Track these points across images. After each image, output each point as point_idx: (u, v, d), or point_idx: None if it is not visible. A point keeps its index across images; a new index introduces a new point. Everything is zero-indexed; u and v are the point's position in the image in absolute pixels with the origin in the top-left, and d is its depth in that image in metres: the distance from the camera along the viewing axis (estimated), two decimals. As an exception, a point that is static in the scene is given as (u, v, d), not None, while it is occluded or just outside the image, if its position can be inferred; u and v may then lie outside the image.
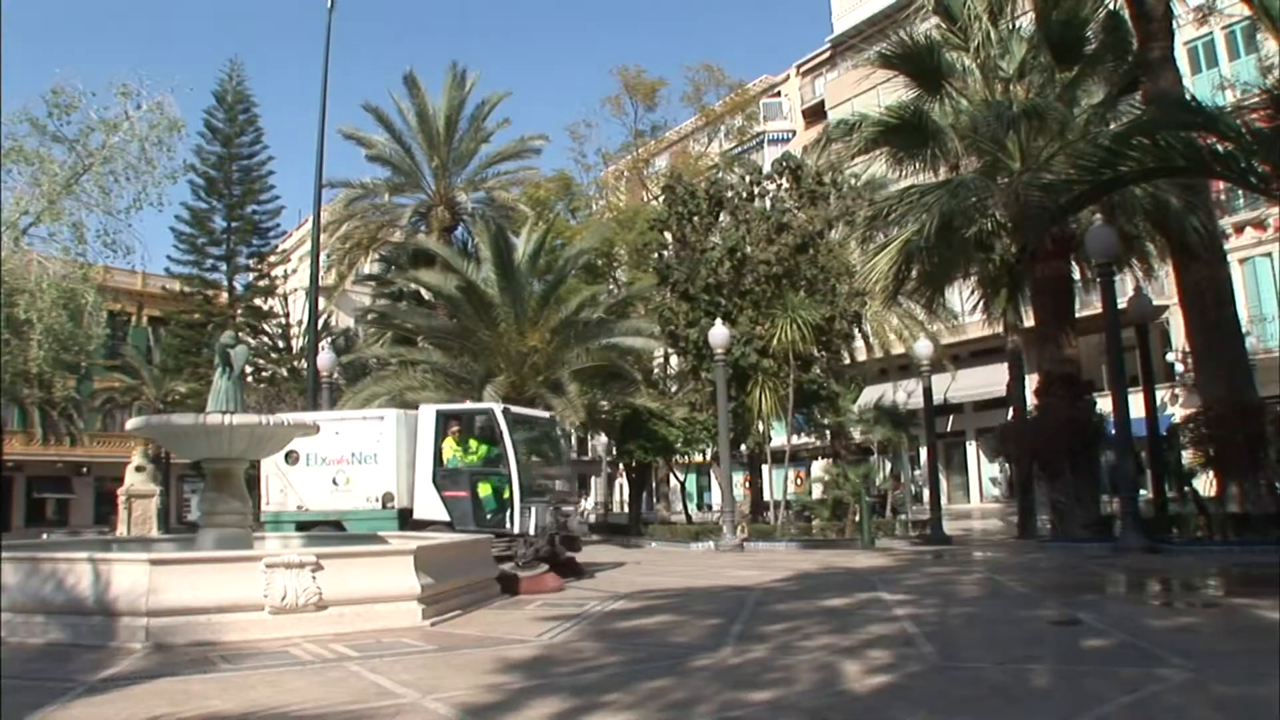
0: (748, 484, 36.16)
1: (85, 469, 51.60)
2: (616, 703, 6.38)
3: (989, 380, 35.95)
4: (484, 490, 16.06)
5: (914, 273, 21.09)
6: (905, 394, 33.64)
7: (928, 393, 24.22)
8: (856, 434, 31.19)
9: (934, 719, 5.97)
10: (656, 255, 32.68)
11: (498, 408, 16.70)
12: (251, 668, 7.95)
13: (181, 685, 7.30)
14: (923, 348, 24.38)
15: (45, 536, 31.59)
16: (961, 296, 27.85)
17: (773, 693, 6.63)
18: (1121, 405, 17.47)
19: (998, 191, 19.52)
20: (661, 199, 33.41)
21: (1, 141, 24.06)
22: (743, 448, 30.67)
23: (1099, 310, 19.85)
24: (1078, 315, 21.65)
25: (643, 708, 6.25)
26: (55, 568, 9.62)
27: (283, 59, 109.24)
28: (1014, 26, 20.92)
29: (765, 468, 34.14)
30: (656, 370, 36.83)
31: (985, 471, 44.15)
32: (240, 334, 34.50)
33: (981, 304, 24.65)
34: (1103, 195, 16.40)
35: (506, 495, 15.83)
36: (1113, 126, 18.84)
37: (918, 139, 20.61)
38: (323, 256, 32.18)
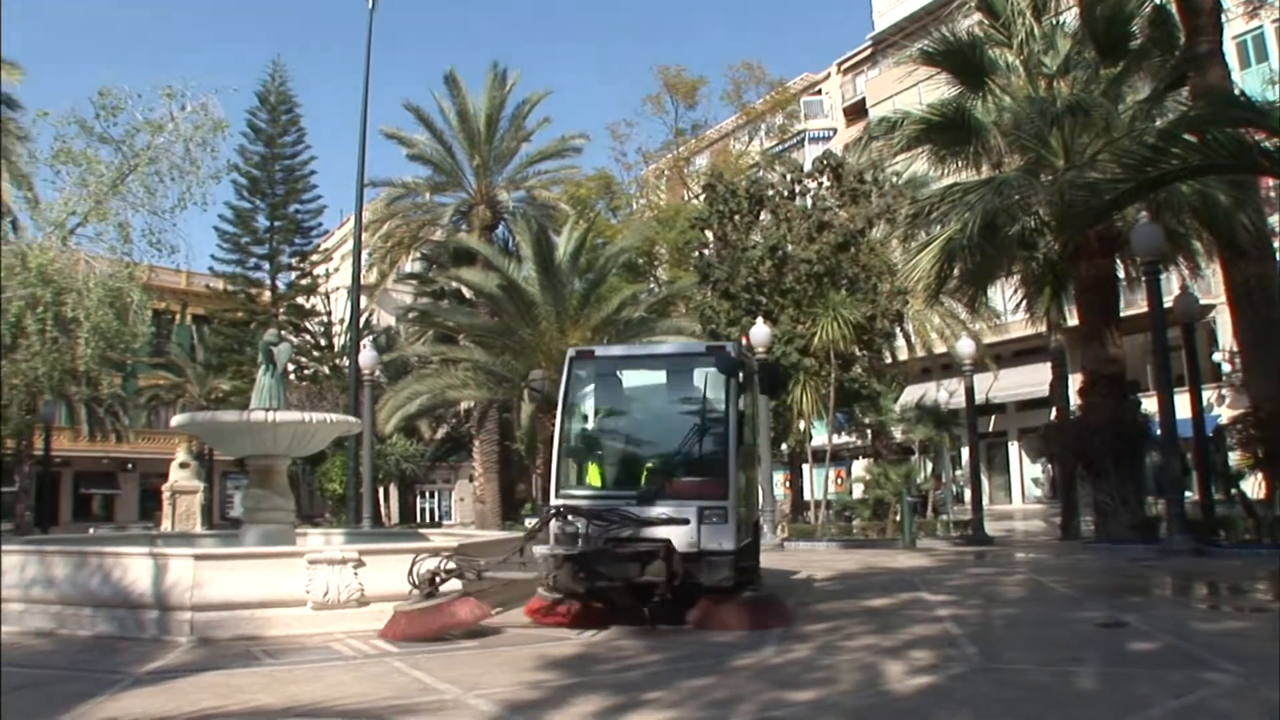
0: (788, 483, 36.04)
1: (130, 465, 52.19)
2: (659, 701, 6.38)
3: (1031, 380, 35.67)
4: None
5: (956, 271, 20.88)
6: (947, 393, 33.41)
7: (970, 392, 24.02)
8: (898, 433, 31.00)
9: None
10: (697, 254, 32.66)
11: None
12: (294, 663, 8.02)
13: (226, 679, 7.39)
14: (965, 347, 24.18)
15: (91, 531, 32.08)
16: (1004, 295, 27.65)
17: (815, 693, 6.61)
18: (1167, 405, 17.24)
19: (1041, 189, 19.30)
20: (702, 197, 33.39)
21: (12, 142, 24.36)
22: (783, 447, 30.57)
23: (1144, 309, 19.60)
24: (1122, 314, 21.37)
25: (684, 706, 6.25)
26: (102, 562, 9.76)
27: (324, 59, 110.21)
28: (1058, 22, 20.67)
29: (806, 467, 34.04)
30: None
31: (1027, 472, 43.78)
32: (283, 332, 34.88)
33: (1024, 303, 24.41)
34: (1149, 193, 16.17)
35: None
36: (1159, 123, 18.59)
37: (960, 136, 20.42)
38: (364, 255, 32.37)
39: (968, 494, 27.00)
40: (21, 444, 36.58)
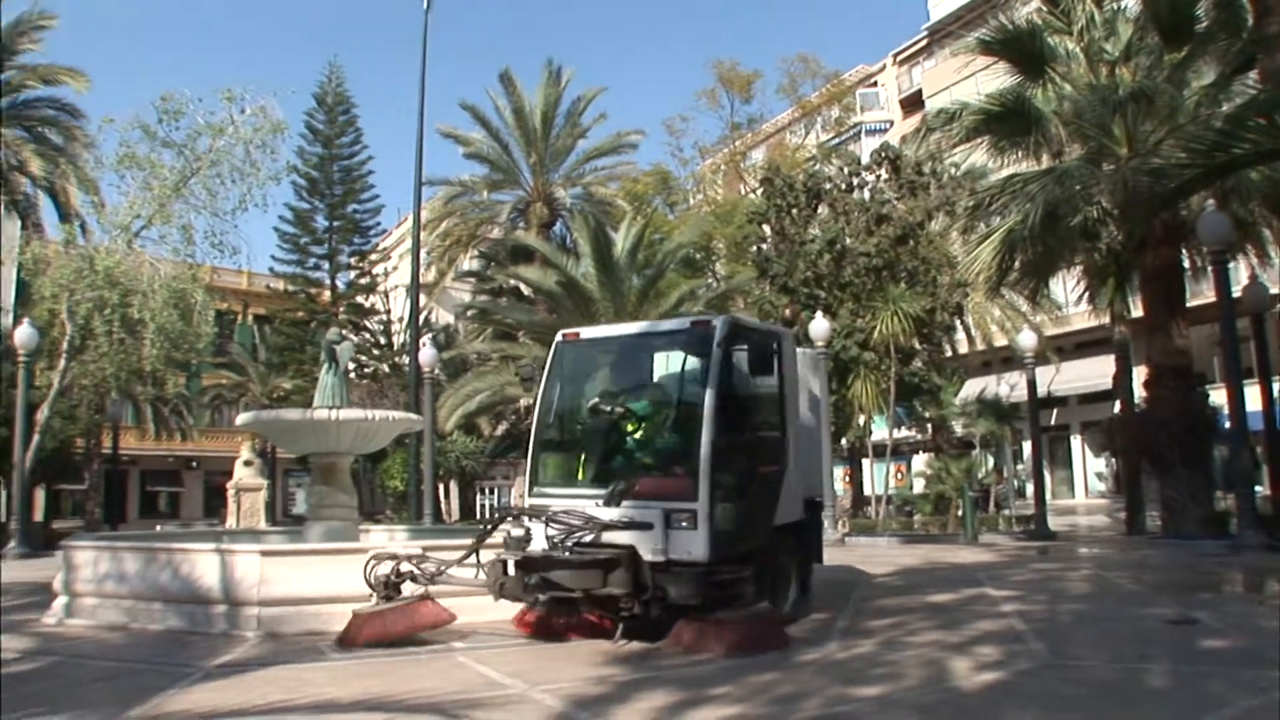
0: (848, 478, 35.85)
1: (194, 463, 53.00)
2: (725, 696, 6.38)
3: (1094, 372, 35.09)
4: None
5: (1017, 263, 20.64)
6: (1008, 387, 32.99)
7: (1032, 385, 23.71)
8: (958, 428, 30.73)
9: (1046, 717, 5.86)
10: (755, 248, 32.55)
11: None
12: (360, 657, 8.11)
13: (294, 673, 7.49)
14: (1026, 339, 23.89)
15: (158, 528, 32.63)
16: (1065, 287, 27.24)
17: (880, 688, 6.59)
18: (1237, 398, 16.89)
19: (1104, 178, 19.01)
20: (759, 192, 33.26)
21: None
22: (843, 441, 30.42)
23: (1211, 299, 19.26)
24: (1189, 305, 20.99)
25: (750, 701, 6.25)
26: (172, 558, 9.93)
27: (380, 60, 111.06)
28: (1119, 7, 20.31)
29: (866, 462, 33.84)
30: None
31: (1090, 466, 43.10)
32: (343, 331, 35.18)
33: (1087, 294, 24.05)
34: (1216, 179, 15.87)
35: None
36: (1225, 108, 18.19)
37: (1020, 126, 20.14)
38: (423, 254, 32.63)
39: (1029, 488, 26.70)
40: (90, 443, 37.28)
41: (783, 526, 9.56)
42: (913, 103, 51.34)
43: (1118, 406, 23.96)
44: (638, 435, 9.21)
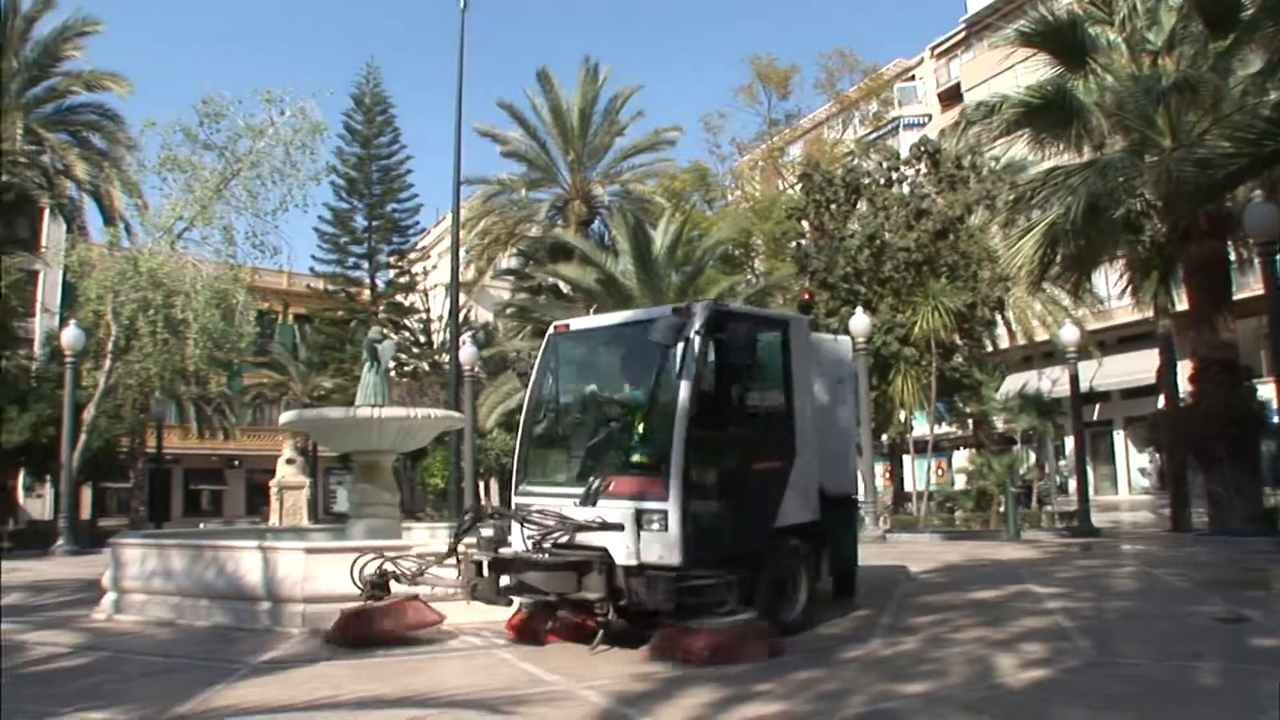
0: (889, 474, 35.67)
1: (237, 462, 53.56)
2: (769, 693, 6.37)
3: (1137, 367, 34.69)
4: None
5: (1059, 257, 20.47)
6: (1049, 382, 32.70)
7: (1074, 380, 23.50)
8: (999, 423, 30.49)
9: (1095, 715, 5.79)
10: (794, 244, 32.45)
11: None
12: (405, 654, 8.16)
13: (339, 669, 7.56)
14: (1068, 334, 23.67)
15: (201, 526, 32.97)
16: (1108, 280, 26.97)
17: (926, 685, 6.55)
18: (1286, 391, 16.68)
19: (1147, 170, 18.80)
20: (798, 187, 33.15)
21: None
22: (883, 437, 30.27)
23: (1258, 291, 18.99)
24: (1235, 297, 20.71)
25: (794, 698, 6.24)
26: (217, 555, 10.03)
27: (417, 60, 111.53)
28: (1161, -5, 20.11)
29: (906, 458, 33.67)
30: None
31: (1134, 462, 42.65)
32: (384, 330, 35.38)
33: (1130, 287, 23.81)
34: (1263, 170, 15.67)
35: None
36: (1273, 96, 17.94)
37: (1061, 119, 19.95)
38: (462, 252, 32.77)
39: (1071, 484, 26.46)
40: (135, 442, 37.74)
41: (790, 528, 8.94)
42: (951, 96, 50.97)
43: (1162, 401, 23.72)
44: (616, 430, 8.76)
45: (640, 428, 8.53)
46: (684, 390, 7.96)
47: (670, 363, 8.29)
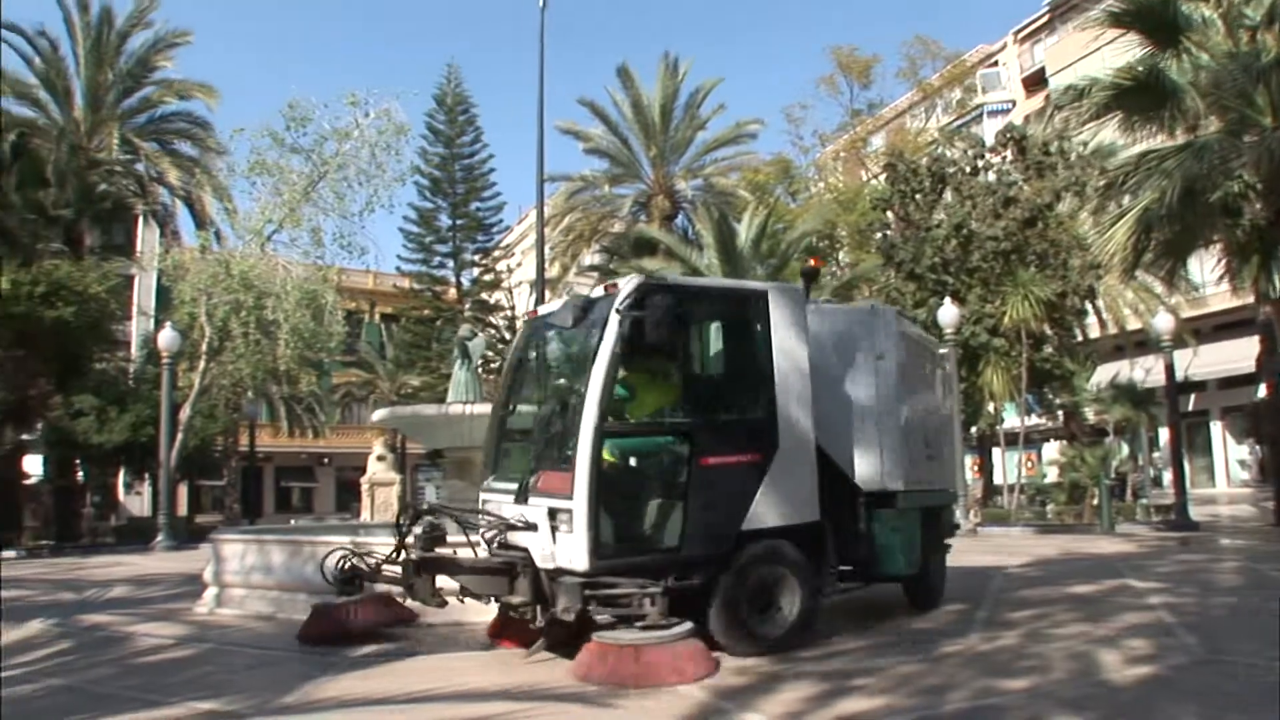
0: (978, 468, 35.20)
1: (326, 459, 54.48)
2: (868, 688, 6.30)
3: (1235, 355, 33.79)
4: None
5: (1153, 243, 20.00)
6: (1143, 371, 32.03)
7: (1169, 369, 23.00)
8: (1090, 414, 29.93)
9: (1209, 716, 5.62)
10: (880, 235, 32.17)
11: None
12: (502, 649, 8.18)
13: (437, 663, 7.65)
14: (1162, 322, 23.20)
15: (292, 522, 33.57)
16: (1203, 266, 26.30)
17: (1028, 681, 6.44)
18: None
19: (1246, 150, 18.22)
20: (882, 177, 32.86)
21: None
22: (972, 430, 29.87)
23: (1366, 276, 18.39)
24: (1341, 282, 20.09)
25: (896, 692, 6.16)
26: (315, 550, 10.17)
27: (497, 59, 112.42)
28: (1261, -32, 19.50)
29: (996, 451, 33.22)
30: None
31: (1232, 453, 41.56)
32: (474, 327, 35.74)
33: (1227, 274, 23.18)
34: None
35: None
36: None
37: (1153, 100, 19.47)
38: (546, 249, 33.00)
39: (1166, 477, 25.92)
40: (229, 441, 38.56)
41: (772, 530, 7.74)
42: (1035, 81, 50.04)
43: (1263, 390, 23.11)
44: (554, 423, 7.95)
45: (556, 420, 7.88)
46: (595, 377, 7.10)
47: (591, 349, 7.35)
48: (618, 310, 7.19)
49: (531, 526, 7.26)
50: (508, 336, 46.25)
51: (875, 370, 9.18)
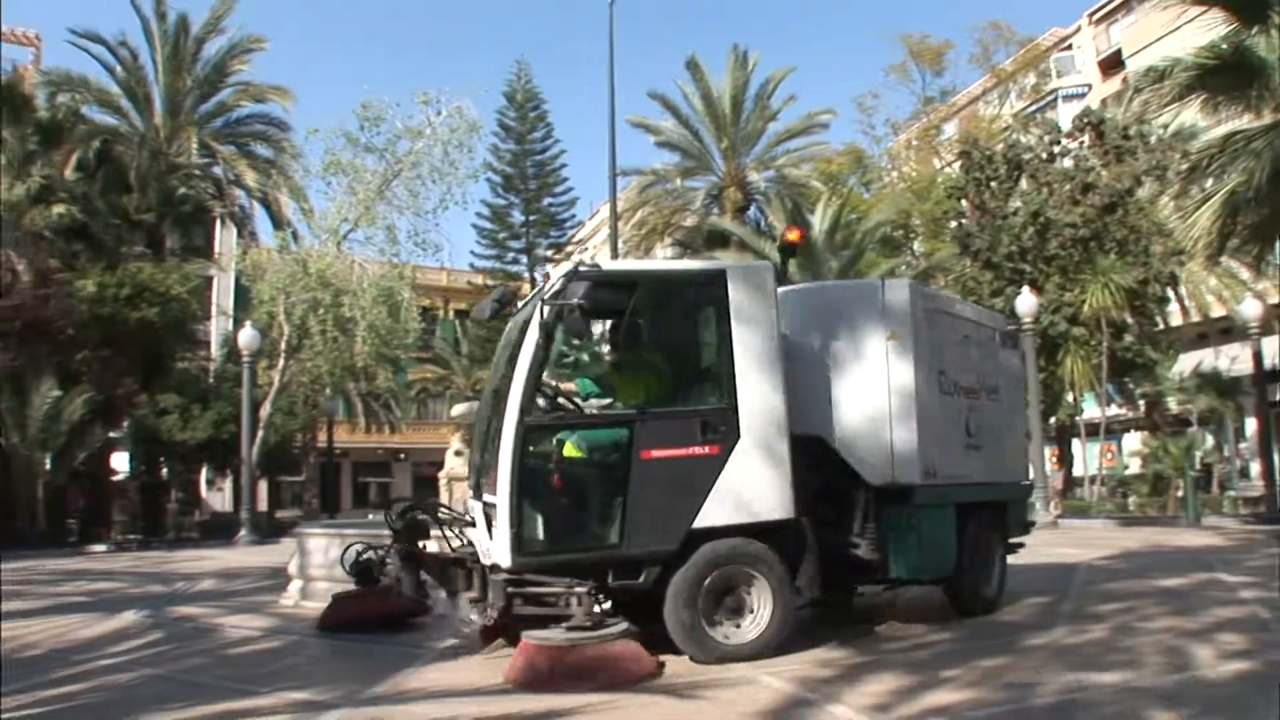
0: (1057, 459, 34.66)
1: (402, 455, 54.99)
2: (956, 680, 6.20)
3: (1327, 341, 32.98)
4: None
5: (1239, 227, 19.49)
6: (1228, 360, 31.31)
7: (1257, 357, 22.51)
8: (1173, 404, 29.35)
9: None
10: (955, 224, 31.80)
11: None
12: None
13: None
14: (1250, 308, 22.69)
15: (369, 516, 34.00)
16: (1292, 251, 25.64)
17: (1119, 675, 6.28)
18: None
19: (1340, 129, 17.75)
20: (956, 166, 32.50)
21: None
22: (1051, 421, 29.43)
23: None
24: None
25: (983, 685, 6.06)
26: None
27: (566, 54, 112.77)
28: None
29: (1076, 442, 32.69)
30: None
31: (1324, 443, 40.55)
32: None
33: (1318, 258, 22.60)
34: None
35: None
36: None
37: (1239, 79, 18.90)
38: (619, 243, 33.07)
39: (1254, 468, 25.36)
40: (307, 437, 39.11)
41: (738, 528, 7.13)
42: (1112, 64, 49.02)
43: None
44: (491, 416, 7.71)
45: (498, 413, 7.39)
46: (519, 369, 6.88)
47: (537, 340, 6.95)
48: (543, 300, 6.92)
49: (471, 523, 7.41)
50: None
51: (885, 351, 8.12)
